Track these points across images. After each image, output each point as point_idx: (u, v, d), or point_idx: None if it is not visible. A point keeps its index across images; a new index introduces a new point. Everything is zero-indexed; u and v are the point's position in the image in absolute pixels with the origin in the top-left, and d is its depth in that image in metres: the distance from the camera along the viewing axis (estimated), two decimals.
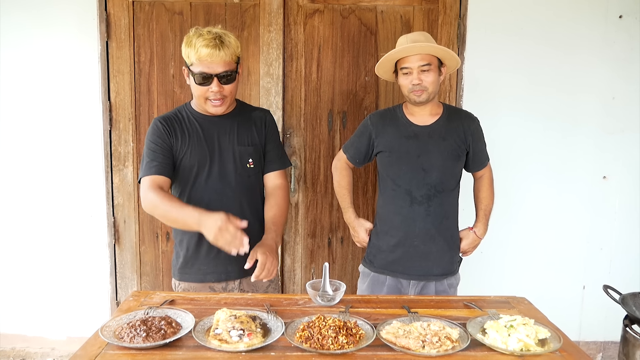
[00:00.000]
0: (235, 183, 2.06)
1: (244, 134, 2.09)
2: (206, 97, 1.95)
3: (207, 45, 1.86)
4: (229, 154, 2.05)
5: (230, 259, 1.96)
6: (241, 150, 2.06)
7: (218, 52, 1.87)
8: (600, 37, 3.03)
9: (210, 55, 1.86)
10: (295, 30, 3.00)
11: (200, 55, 1.87)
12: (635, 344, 1.69)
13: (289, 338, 1.47)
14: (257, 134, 2.13)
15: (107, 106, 3.03)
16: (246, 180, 2.08)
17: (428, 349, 1.41)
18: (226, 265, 2.06)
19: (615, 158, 3.13)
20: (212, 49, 1.86)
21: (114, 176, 3.10)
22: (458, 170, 2.29)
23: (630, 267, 3.21)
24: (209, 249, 2.01)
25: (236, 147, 2.06)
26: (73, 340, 3.23)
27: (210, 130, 2.04)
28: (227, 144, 2.05)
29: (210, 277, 2.07)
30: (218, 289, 2.08)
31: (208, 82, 1.91)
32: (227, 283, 2.09)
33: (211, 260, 2.06)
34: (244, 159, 2.07)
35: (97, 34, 2.97)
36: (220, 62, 1.89)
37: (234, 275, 2.09)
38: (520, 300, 1.84)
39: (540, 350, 1.42)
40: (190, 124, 2.04)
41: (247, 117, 2.13)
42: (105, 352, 1.42)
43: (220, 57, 1.88)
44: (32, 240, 3.17)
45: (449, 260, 2.29)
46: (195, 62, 1.89)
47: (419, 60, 2.11)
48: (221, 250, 1.86)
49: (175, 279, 2.14)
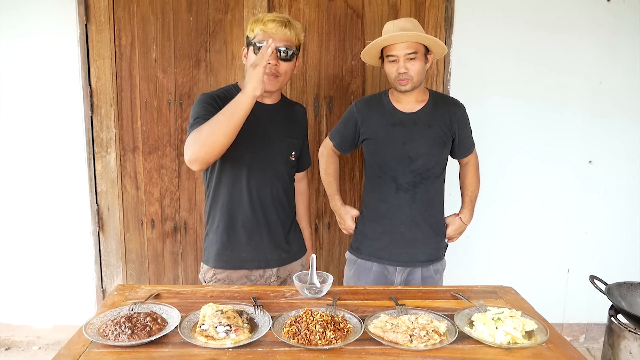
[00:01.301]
0: (279, 173, 2.08)
1: (290, 127, 2.13)
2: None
3: (274, 20, 1.91)
4: (277, 144, 2.06)
5: (271, 247, 2.07)
6: (288, 142, 2.10)
7: (284, 28, 1.91)
8: (588, 21, 3.02)
9: (276, 29, 1.90)
10: (279, 12, 2.93)
11: (266, 27, 1.90)
12: (620, 334, 1.70)
13: (276, 333, 1.45)
14: (300, 130, 2.20)
15: (87, 91, 2.97)
16: (288, 171, 2.13)
17: (416, 343, 1.40)
18: (266, 254, 2.07)
19: (601, 143, 3.14)
20: (279, 24, 1.91)
21: (96, 163, 3.05)
22: (444, 157, 2.28)
23: (613, 250, 3.26)
24: (250, 234, 2.03)
25: (284, 139, 2.09)
26: (59, 329, 3.22)
27: (260, 116, 1.97)
28: (276, 134, 2.06)
29: (250, 264, 2.06)
30: (255, 277, 2.07)
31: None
32: (265, 271, 2.09)
33: (252, 248, 2.05)
34: (289, 151, 2.11)
35: (76, 16, 2.89)
36: (284, 37, 1.92)
37: (273, 264, 2.10)
38: (507, 290, 1.85)
39: (528, 343, 1.43)
40: None
41: (291, 110, 2.18)
42: (90, 351, 1.39)
43: (284, 33, 1.91)
44: (16, 229, 3.12)
45: (435, 246, 2.30)
46: (259, 34, 1.91)
47: (406, 49, 2.08)
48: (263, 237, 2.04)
49: (209, 266, 2.07)
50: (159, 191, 3.08)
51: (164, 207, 3.09)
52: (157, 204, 3.09)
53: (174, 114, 3.00)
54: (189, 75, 2.97)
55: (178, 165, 3.04)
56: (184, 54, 2.95)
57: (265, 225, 2.06)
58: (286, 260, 2.14)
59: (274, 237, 2.08)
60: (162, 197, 3.08)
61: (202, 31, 2.93)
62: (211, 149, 1.76)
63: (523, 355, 1.39)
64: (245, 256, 2.05)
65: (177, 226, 3.12)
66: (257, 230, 2.04)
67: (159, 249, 3.14)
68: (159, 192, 3.07)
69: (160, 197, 3.08)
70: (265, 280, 2.09)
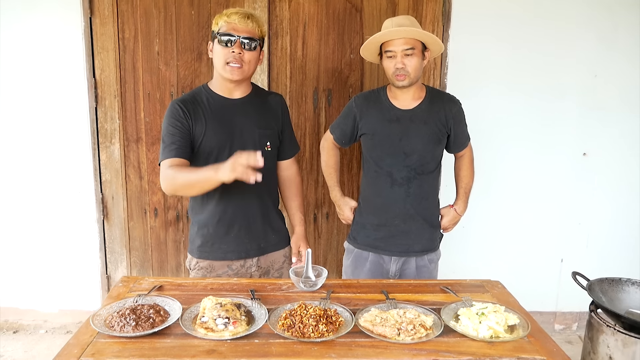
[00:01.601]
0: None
1: (262, 118, 2.14)
2: (226, 61, 1.99)
3: (237, 13, 1.99)
4: (248, 136, 2.08)
5: (250, 238, 2.15)
6: (260, 133, 2.11)
7: (246, 20, 1.99)
8: (584, 14, 3.04)
9: (239, 21, 1.98)
10: (280, 7, 2.98)
11: (229, 19, 1.98)
12: (599, 329, 1.78)
13: (271, 326, 1.54)
14: (275, 119, 2.20)
15: (92, 83, 3.03)
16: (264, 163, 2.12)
17: (403, 337, 1.49)
18: (246, 244, 2.15)
19: (596, 135, 3.19)
20: (241, 17, 1.99)
21: (100, 153, 3.12)
22: (439, 153, 2.35)
23: (606, 241, 3.33)
24: (228, 228, 2.11)
25: (255, 130, 2.10)
26: (65, 313, 3.33)
27: (229, 112, 2.07)
28: (247, 127, 2.09)
29: (231, 255, 2.14)
30: (236, 267, 2.15)
31: (231, 43, 1.97)
32: (246, 261, 2.17)
33: (232, 240, 2.13)
34: (262, 142, 2.12)
35: (80, 10, 2.94)
36: (246, 28, 1.99)
37: (253, 254, 2.17)
38: (494, 284, 1.92)
39: (509, 337, 1.51)
40: (210, 106, 2.06)
41: (264, 101, 2.19)
42: (97, 341, 1.48)
43: (247, 24, 1.99)
44: (24, 217, 3.21)
45: (429, 237, 2.37)
46: (223, 26, 1.98)
47: (403, 44, 2.13)
48: (241, 229, 2.11)
49: (194, 257, 2.17)
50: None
51: (167, 196, 3.16)
52: (160, 193, 3.16)
53: None
54: (191, 68, 3.03)
55: None
56: (186, 47, 3.00)
57: (243, 217, 2.12)
58: (266, 249, 2.20)
59: (252, 229, 2.15)
60: None
61: (203, 25, 2.97)
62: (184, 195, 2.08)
63: (505, 349, 1.47)
64: (225, 247, 2.14)
65: (179, 215, 3.20)
66: (235, 223, 2.12)
67: (162, 237, 3.23)
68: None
69: None
70: (246, 269, 2.17)
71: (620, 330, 1.72)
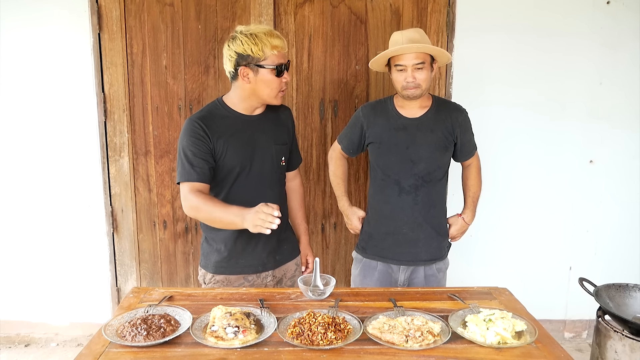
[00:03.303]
0: (271, 181, 2.14)
1: (278, 133, 2.16)
2: (280, 89, 1.99)
3: (277, 36, 1.93)
4: (267, 153, 2.10)
5: (267, 251, 2.16)
6: (277, 149, 2.14)
7: (284, 42, 1.97)
8: (587, 23, 3.06)
9: (283, 46, 1.95)
10: (285, 20, 3.02)
11: (276, 46, 1.92)
12: (606, 335, 1.78)
13: (280, 334, 1.56)
14: (287, 133, 2.22)
15: (101, 98, 3.08)
16: (279, 177, 2.20)
17: (411, 343, 1.50)
18: (262, 258, 2.16)
19: (602, 142, 3.19)
20: (281, 41, 1.94)
21: (110, 166, 3.16)
22: (446, 161, 2.37)
23: (615, 249, 3.31)
24: (246, 244, 2.12)
25: (273, 147, 2.12)
26: (76, 326, 3.35)
27: (249, 129, 2.06)
28: (265, 144, 2.09)
29: (248, 269, 2.15)
30: (252, 278, 2.16)
31: (283, 72, 1.96)
32: (261, 274, 2.18)
33: (249, 254, 2.14)
34: (279, 157, 2.15)
35: (89, 26, 2.99)
36: (286, 51, 1.99)
37: (270, 267, 2.19)
38: (502, 291, 1.93)
39: (517, 343, 1.52)
40: (230, 122, 2.04)
41: (276, 115, 2.19)
42: (109, 351, 1.50)
43: (286, 47, 1.98)
44: (34, 230, 3.25)
45: (437, 246, 2.38)
46: (271, 55, 1.92)
47: (414, 59, 2.15)
48: (258, 244, 2.12)
49: (209, 272, 2.16)
50: (170, 193, 3.19)
51: (175, 208, 3.20)
52: (169, 205, 3.20)
53: (185, 119, 3.08)
54: (199, 82, 3.07)
55: None
56: (194, 61, 3.05)
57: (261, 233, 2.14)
58: (280, 261, 2.24)
59: (268, 243, 2.15)
60: (174, 199, 3.19)
61: (210, 39, 3.02)
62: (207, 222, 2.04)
63: (512, 355, 1.48)
64: (243, 262, 2.14)
65: (188, 227, 3.23)
66: (252, 239, 2.09)
67: (171, 249, 3.26)
68: (171, 194, 3.18)
69: (172, 199, 3.19)
70: (261, 280, 2.19)
71: (628, 336, 1.72)
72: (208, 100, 3.05)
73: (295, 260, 2.32)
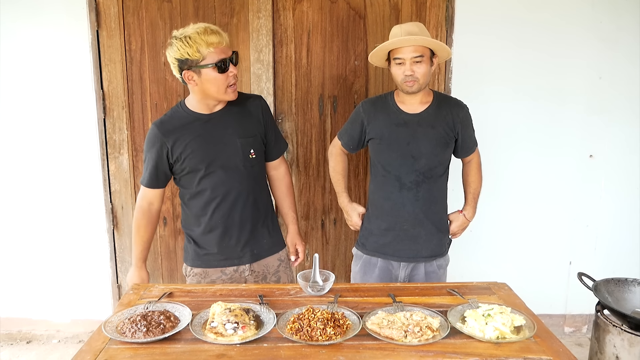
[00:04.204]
0: (240, 175, 2.13)
1: (244, 126, 2.13)
2: (228, 85, 1.98)
3: (212, 33, 1.91)
4: (232, 148, 2.09)
5: (242, 244, 2.19)
6: (243, 142, 2.11)
7: (222, 36, 1.94)
8: (588, 16, 3.05)
9: (220, 41, 1.92)
10: (284, 15, 3.02)
11: (212, 43, 1.90)
12: (605, 329, 1.79)
13: (280, 330, 1.56)
14: (256, 124, 2.18)
15: (100, 95, 3.07)
16: (250, 170, 2.15)
17: (410, 339, 1.50)
18: (238, 252, 2.19)
19: (602, 137, 3.19)
20: (218, 36, 1.92)
21: (110, 164, 3.16)
22: (446, 157, 2.36)
23: (615, 243, 3.31)
24: (220, 238, 2.16)
25: (238, 140, 2.10)
26: (77, 323, 3.36)
27: (211, 127, 2.07)
28: (230, 139, 2.09)
29: (223, 263, 2.19)
30: (229, 272, 2.20)
31: (227, 67, 1.95)
32: (238, 267, 2.21)
33: (224, 249, 2.17)
34: (246, 150, 2.12)
35: (87, 23, 2.99)
36: (227, 45, 1.96)
37: (246, 260, 2.21)
38: (501, 286, 1.93)
39: (515, 338, 1.52)
40: (190, 124, 2.06)
41: (243, 107, 2.15)
42: (109, 347, 1.51)
43: (226, 40, 1.96)
44: (35, 228, 3.25)
45: (437, 242, 2.38)
46: (208, 53, 1.90)
47: (412, 52, 2.14)
48: (231, 239, 2.16)
49: (187, 265, 2.24)
50: (170, 190, 3.18)
51: (175, 205, 3.20)
52: (169, 202, 3.20)
53: None
54: None
55: None
56: None
57: (234, 226, 2.16)
58: (259, 256, 2.23)
59: (242, 237, 2.18)
60: (173, 196, 3.19)
61: None
62: None
63: (511, 349, 1.48)
64: (218, 256, 2.18)
65: None
66: (225, 233, 2.15)
67: (171, 246, 3.26)
68: (170, 191, 3.18)
69: (172, 196, 3.19)
70: (239, 274, 2.21)
71: (627, 330, 1.72)
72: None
73: (277, 256, 2.31)
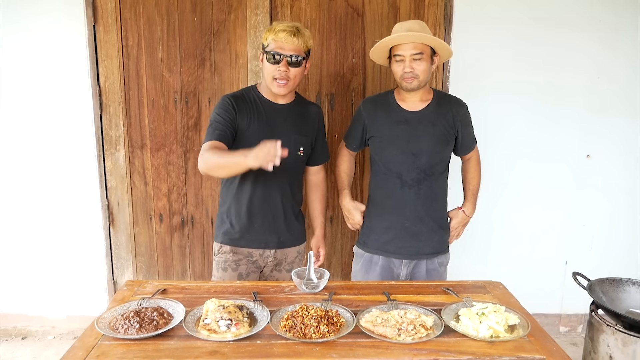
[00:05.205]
0: (286, 166, 2.17)
1: (300, 124, 2.32)
2: (274, 77, 2.15)
3: (284, 30, 2.12)
4: (285, 138, 2.14)
5: (271, 230, 2.33)
6: (296, 138, 2.28)
7: (292, 37, 2.12)
8: (587, 16, 3.05)
9: (285, 39, 2.11)
10: (282, 12, 3.01)
11: (276, 37, 2.12)
12: (599, 329, 1.79)
13: (273, 327, 1.56)
14: (311, 128, 2.38)
15: (96, 91, 3.06)
16: (294, 165, 2.31)
17: (404, 337, 1.50)
18: (266, 236, 2.33)
19: (599, 137, 3.19)
20: (288, 34, 2.12)
21: (106, 160, 3.15)
22: (447, 154, 2.37)
23: (611, 243, 3.32)
24: (253, 219, 2.30)
25: (292, 135, 2.27)
26: (72, 319, 3.35)
27: (272, 114, 2.26)
28: (285, 130, 2.25)
29: (252, 244, 2.32)
30: (255, 255, 2.33)
31: (278, 61, 2.13)
32: (264, 251, 2.35)
33: (254, 230, 2.31)
34: (297, 146, 2.29)
35: (84, 18, 2.97)
36: (292, 46, 2.13)
37: (272, 246, 2.35)
38: (496, 285, 1.93)
39: (509, 337, 1.52)
40: (256, 105, 2.25)
41: (304, 109, 2.37)
42: (102, 343, 1.50)
43: (293, 42, 2.12)
44: (31, 224, 3.24)
45: (439, 239, 2.39)
46: (271, 44, 2.14)
47: (412, 49, 2.16)
48: (264, 221, 2.30)
49: (217, 242, 2.36)
50: (167, 187, 3.18)
51: (172, 202, 3.19)
52: (165, 199, 3.20)
53: (180, 112, 3.09)
54: (194, 74, 3.06)
55: (185, 161, 3.14)
56: (189, 54, 3.03)
57: (269, 211, 2.30)
58: (284, 244, 2.38)
59: (274, 222, 2.32)
60: (170, 193, 3.19)
61: (206, 31, 3.01)
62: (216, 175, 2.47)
63: (505, 348, 1.48)
64: (249, 237, 2.31)
65: (185, 220, 3.22)
66: (260, 215, 2.29)
67: (167, 243, 3.26)
68: (167, 188, 3.18)
69: (168, 193, 3.19)
70: (263, 259, 2.36)
71: (620, 330, 1.72)
72: (204, 93, 3.07)
73: (297, 248, 2.46)
